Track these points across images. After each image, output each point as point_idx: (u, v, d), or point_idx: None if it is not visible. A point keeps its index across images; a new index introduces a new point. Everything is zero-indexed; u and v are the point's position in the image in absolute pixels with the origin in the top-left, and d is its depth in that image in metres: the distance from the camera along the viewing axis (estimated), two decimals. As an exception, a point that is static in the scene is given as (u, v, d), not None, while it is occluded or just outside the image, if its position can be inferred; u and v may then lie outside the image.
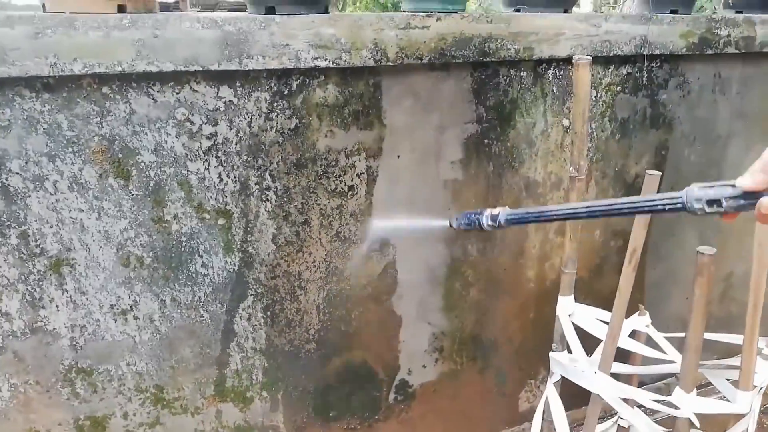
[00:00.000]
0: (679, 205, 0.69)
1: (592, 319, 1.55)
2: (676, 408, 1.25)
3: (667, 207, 0.71)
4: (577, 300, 1.52)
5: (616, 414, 1.87)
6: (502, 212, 0.97)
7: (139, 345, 1.33)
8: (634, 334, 1.64)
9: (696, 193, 0.68)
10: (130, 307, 1.29)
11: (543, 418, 1.66)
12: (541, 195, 1.67)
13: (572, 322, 1.52)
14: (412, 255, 1.57)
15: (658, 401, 1.26)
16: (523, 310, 1.80)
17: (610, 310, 1.41)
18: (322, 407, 1.61)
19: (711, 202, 0.67)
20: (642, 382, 1.86)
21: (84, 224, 1.20)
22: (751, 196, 0.64)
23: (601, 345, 1.45)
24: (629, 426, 1.87)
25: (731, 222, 0.72)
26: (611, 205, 0.79)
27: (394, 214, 1.49)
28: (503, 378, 1.88)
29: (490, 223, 0.99)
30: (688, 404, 1.22)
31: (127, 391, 1.36)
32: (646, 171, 1.19)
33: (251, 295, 1.41)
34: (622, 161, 1.75)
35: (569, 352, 1.54)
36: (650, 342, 1.61)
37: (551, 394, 1.60)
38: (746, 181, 0.64)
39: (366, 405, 1.69)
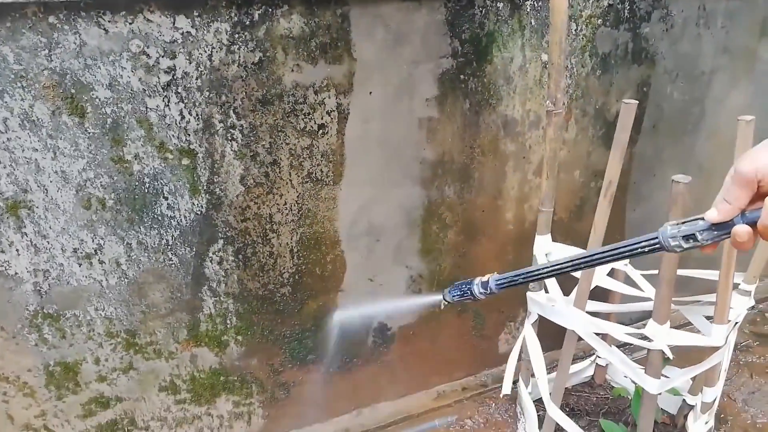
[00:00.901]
0: (657, 246, 0.71)
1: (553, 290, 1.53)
2: (650, 341, 1.25)
3: (646, 249, 0.73)
4: (556, 242, 1.51)
5: (593, 354, 1.89)
6: (491, 279, 0.99)
7: (107, 290, 1.30)
8: (612, 273, 1.63)
9: (669, 231, 0.69)
10: (95, 251, 1.26)
11: (520, 358, 1.67)
12: (519, 134, 1.63)
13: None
14: (388, 197, 1.53)
15: (631, 335, 1.26)
16: (501, 252, 1.79)
17: (587, 248, 1.40)
18: (298, 351, 1.61)
19: (686, 238, 0.68)
20: (621, 323, 1.87)
21: (39, 164, 1.15)
22: (723, 226, 0.66)
23: (577, 285, 1.44)
24: (606, 364, 1.90)
25: (712, 252, 0.71)
26: (593, 255, 0.80)
27: (367, 155, 1.45)
28: (482, 320, 1.89)
29: (482, 290, 1.00)
30: (661, 336, 1.22)
31: (97, 336, 1.33)
32: (623, 101, 1.15)
33: (221, 238, 1.38)
34: (603, 98, 1.71)
35: (546, 292, 1.53)
36: (629, 281, 1.61)
37: (528, 334, 1.61)
38: (712, 214, 0.66)
39: (344, 348, 1.68)
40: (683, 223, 0.69)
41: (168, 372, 1.46)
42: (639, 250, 0.74)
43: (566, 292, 1.50)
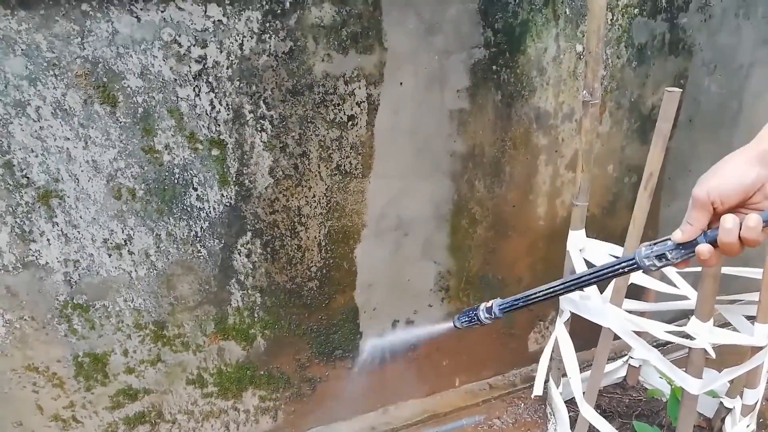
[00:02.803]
0: (635, 266, 0.77)
1: (605, 254, 1.49)
2: (691, 339, 1.20)
3: (626, 269, 0.79)
4: (589, 238, 1.46)
5: (626, 355, 1.84)
6: (495, 304, 1.02)
7: (136, 281, 1.30)
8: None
9: (643, 252, 0.76)
10: (124, 241, 1.25)
11: (551, 357, 1.63)
12: (552, 127, 1.59)
13: (584, 258, 1.47)
14: (417, 191, 1.51)
15: (672, 332, 1.21)
16: (532, 249, 1.75)
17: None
18: (325, 345, 1.59)
19: (659, 257, 0.74)
20: (654, 322, 1.81)
21: (71, 153, 1.14)
22: (688, 246, 0.72)
23: (613, 281, 1.40)
24: (640, 365, 1.84)
25: (684, 269, 0.79)
26: (581, 277, 0.86)
27: (397, 147, 1.43)
28: (511, 319, 1.85)
29: (487, 315, 1.03)
30: (703, 334, 1.17)
31: (126, 327, 1.33)
32: (666, 89, 1.10)
33: (249, 230, 1.36)
34: (639, 91, 1.66)
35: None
36: (665, 279, 1.56)
37: (561, 332, 1.56)
38: (677, 235, 0.72)
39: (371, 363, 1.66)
40: (655, 243, 0.75)
41: (195, 365, 1.45)
42: (620, 270, 0.79)
43: (599, 290, 1.46)
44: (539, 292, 0.96)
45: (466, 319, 1.09)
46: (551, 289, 0.94)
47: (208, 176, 1.27)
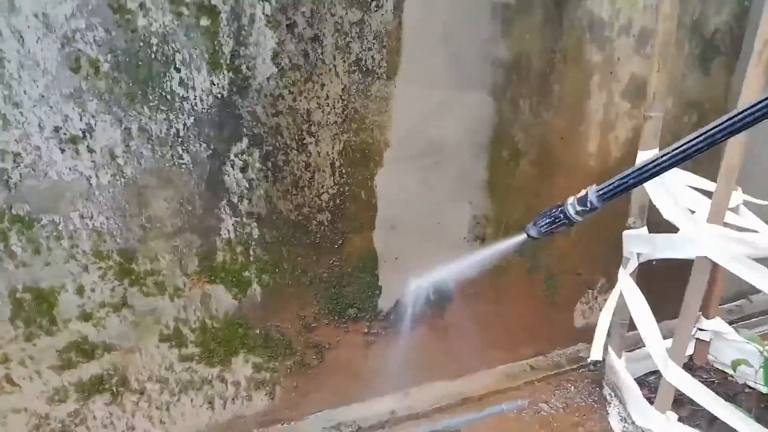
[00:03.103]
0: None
1: (681, 185, 1.21)
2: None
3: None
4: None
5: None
6: (590, 191, 0.80)
7: (97, 190, 1.00)
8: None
9: None
10: (83, 133, 0.96)
11: (613, 316, 1.32)
12: (607, 40, 1.34)
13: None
14: (452, 106, 1.23)
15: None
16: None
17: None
18: (337, 301, 1.28)
19: None
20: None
21: (14, 1, 0.86)
22: None
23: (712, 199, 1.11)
24: (710, 339, 1.54)
25: None
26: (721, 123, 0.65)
27: (429, 46, 1.16)
28: (554, 283, 1.55)
29: (579, 209, 0.82)
30: None
31: (82, 255, 1.02)
32: None
33: (246, 135, 1.08)
34: (701, 7, 1.42)
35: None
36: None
37: (626, 284, 1.27)
38: None
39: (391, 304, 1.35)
40: None
41: (172, 315, 1.13)
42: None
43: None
44: (656, 160, 0.72)
45: (547, 220, 0.86)
46: (675, 153, 0.70)
47: (195, 54, 0.99)
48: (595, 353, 1.29)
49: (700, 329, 1.51)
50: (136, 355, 1.12)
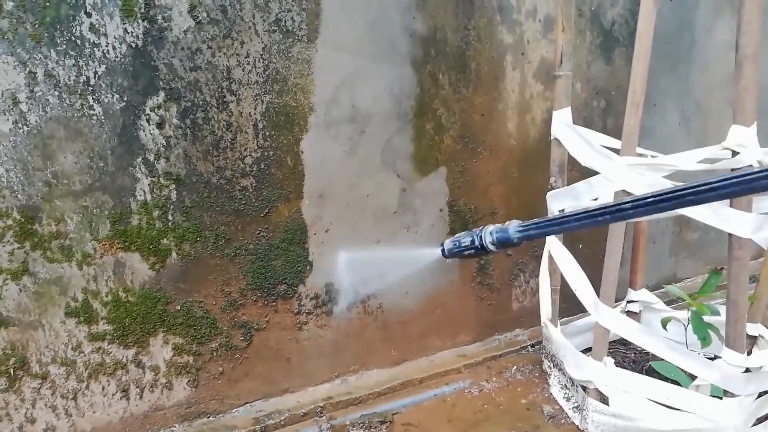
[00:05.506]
0: None
1: (596, 144, 1.27)
2: (736, 153, 0.96)
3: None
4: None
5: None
6: (512, 226, 0.76)
7: (-5, 137, 0.93)
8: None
9: None
10: (-19, 73, 0.90)
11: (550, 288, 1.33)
12: (516, 23, 1.43)
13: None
14: (374, 74, 1.26)
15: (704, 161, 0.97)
16: (505, 175, 1.50)
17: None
18: (265, 275, 1.21)
19: None
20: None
21: None
22: None
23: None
24: (640, 311, 1.57)
25: None
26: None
27: (349, 11, 1.20)
28: (488, 264, 1.55)
29: (498, 237, 0.77)
30: (752, 145, 0.94)
31: (-24, 210, 0.93)
32: None
33: (163, 89, 1.04)
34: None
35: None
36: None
37: (555, 246, 1.29)
38: None
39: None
40: None
41: (81, 285, 1.03)
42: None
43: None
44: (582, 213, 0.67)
45: (459, 246, 0.82)
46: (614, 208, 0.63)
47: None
48: (546, 312, 1.31)
49: (629, 301, 1.54)
50: (39, 331, 1.01)
